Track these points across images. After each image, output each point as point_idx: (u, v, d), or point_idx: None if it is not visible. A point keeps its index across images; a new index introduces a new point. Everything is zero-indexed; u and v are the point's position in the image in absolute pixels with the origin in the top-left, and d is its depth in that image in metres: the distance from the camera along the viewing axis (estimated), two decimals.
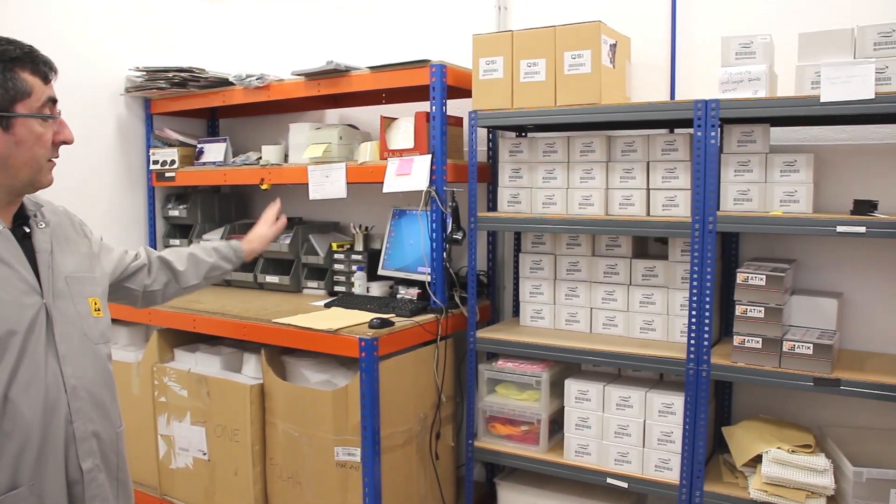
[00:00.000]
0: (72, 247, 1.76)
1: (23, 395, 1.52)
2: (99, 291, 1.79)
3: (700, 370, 2.72)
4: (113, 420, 1.73)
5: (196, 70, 3.89)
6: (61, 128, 1.61)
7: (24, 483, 1.52)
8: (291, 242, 3.85)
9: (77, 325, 1.66)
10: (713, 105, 2.64)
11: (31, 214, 1.69)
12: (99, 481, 1.65)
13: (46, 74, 1.59)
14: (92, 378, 1.66)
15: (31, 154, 1.57)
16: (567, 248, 3.20)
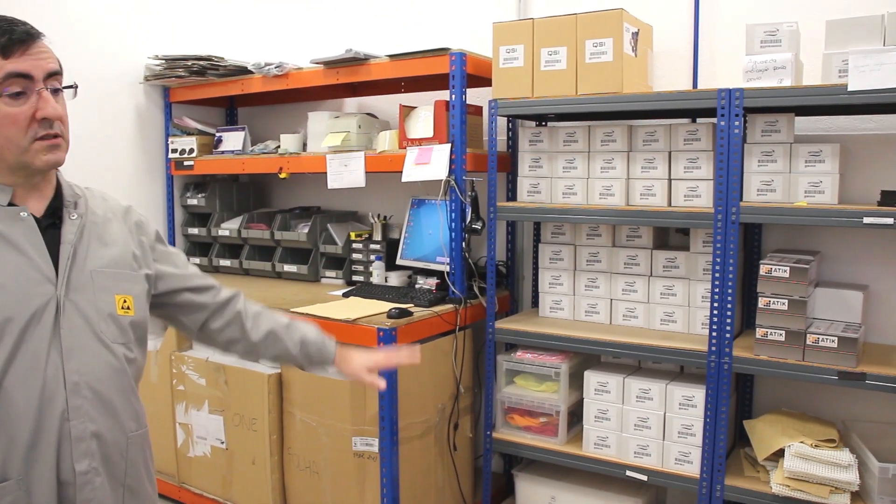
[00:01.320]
0: (111, 241, 1.67)
1: (19, 385, 1.47)
2: (136, 290, 1.69)
3: (722, 363, 2.69)
4: (123, 423, 1.62)
5: (215, 58, 3.89)
6: (42, 103, 1.49)
7: (12, 476, 1.47)
8: (310, 232, 3.84)
9: (91, 320, 1.57)
10: (737, 94, 2.60)
11: (68, 204, 1.63)
12: (95, 485, 1.55)
13: (4, 46, 1.46)
14: (100, 377, 1.57)
15: (3, 136, 1.49)
16: (587, 238, 3.17)
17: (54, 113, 1.50)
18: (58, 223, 1.59)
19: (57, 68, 1.54)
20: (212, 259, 4.18)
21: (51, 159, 1.52)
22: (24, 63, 1.47)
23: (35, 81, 1.49)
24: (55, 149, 1.52)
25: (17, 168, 1.52)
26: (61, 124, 1.53)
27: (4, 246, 1.50)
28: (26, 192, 1.56)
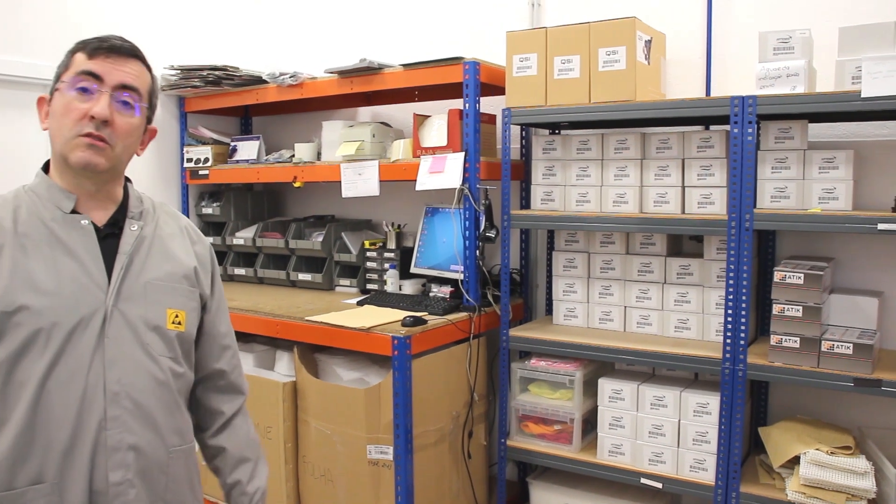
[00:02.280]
0: (169, 256, 1.71)
1: (60, 389, 1.50)
2: (190, 307, 1.71)
3: (736, 370, 2.69)
4: (164, 437, 1.63)
5: (230, 68, 3.92)
6: (95, 103, 1.54)
7: (47, 480, 1.50)
8: (324, 240, 3.86)
9: (138, 331, 1.60)
10: (750, 101, 2.60)
11: (131, 216, 1.67)
12: (128, 497, 1.56)
13: (93, 49, 1.57)
14: (142, 388, 1.59)
15: (58, 123, 1.56)
16: (601, 246, 3.18)
17: (101, 113, 1.54)
18: (117, 233, 1.63)
19: (133, 83, 1.60)
20: (226, 268, 4.20)
21: (84, 157, 1.55)
22: (100, 66, 1.56)
23: (103, 84, 1.56)
24: (93, 149, 1.55)
25: (62, 162, 1.57)
26: (113, 134, 1.57)
27: (62, 252, 1.55)
28: (88, 201, 1.61)
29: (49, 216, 1.57)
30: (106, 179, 1.63)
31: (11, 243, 1.52)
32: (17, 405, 1.49)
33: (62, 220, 1.57)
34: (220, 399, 1.87)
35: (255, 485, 1.87)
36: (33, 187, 1.62)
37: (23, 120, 3.51)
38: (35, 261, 1.53)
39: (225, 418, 1.87)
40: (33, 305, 1.49)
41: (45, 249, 1.54)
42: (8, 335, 1.48)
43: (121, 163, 1.64)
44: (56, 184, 1.60)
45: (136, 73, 1.61)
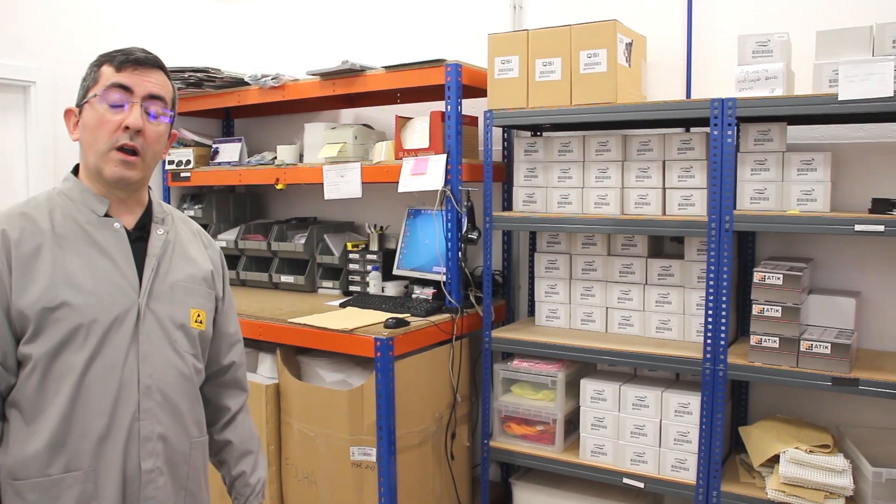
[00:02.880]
0: (190, 259, 1.80)
1: (98, 382, 1.58)
2: (209, 307, 1.82)
3: (717, 370, 2.71)
4: (188, 429, 1.73)
5: (211, 70, 3.91)
6: (128, 114, 1.61)
7: (82, 467, 1.57)
8: (306, 242, 3.86)
9: (167, 329, 1.69)
10: (730, 104, 2.63)
11: (156, 220, 1.75)
12: (158, 484, 1.65)
13: (120, 62, 1.63)
14: (170, 383, 1.68)
15: (92, 136, 1.63)
16: (583, 247, 3.19)
17: (135, 123, 1.61)
18: (145, 237, 1.72)
19: (160, 94, 1.67)
20: None
21: (118, 173, 1.63)
22: (129, 78, 1.63)
23: (133, 96, 1.62)
24: (125, 165, 1.63)
25: (95, 173, 1.64)
26: (144, 143, 1.64)
27: (97, 253, 1.63)
28: (119, 206, 1.70)
29: (84, 219, 1.65)
30: (136, 188, 1.71)
31: (50, 243, 1.60)
32: (56, 397, 1.56)
33: (97, 222, 1.66)
34: (226, 395, 1.95)
35: (258, 475, 1.97)
36: (65, 191, 1.69)
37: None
38: (73, 260, 1.60)
39: (231, 414, 1.95)
40: (74, 302, 1.57)
41: (81, 250, 1.62)
42: (49, 330, 1.56)
43: (150, 170, 1.72)
44: (89, 188, 1.68)
45: (161, 83, 1.69)
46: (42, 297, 1.55)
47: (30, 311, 1.54)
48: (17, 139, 3.59)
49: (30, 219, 1.62)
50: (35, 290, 1.56)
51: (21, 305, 1.55)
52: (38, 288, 1.56)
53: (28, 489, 1.55)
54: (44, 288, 1.56)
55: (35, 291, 1.55)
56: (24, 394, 1.57)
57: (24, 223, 1.61)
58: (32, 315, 1.55)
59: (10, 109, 3.56)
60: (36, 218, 1.62)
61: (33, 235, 1.60)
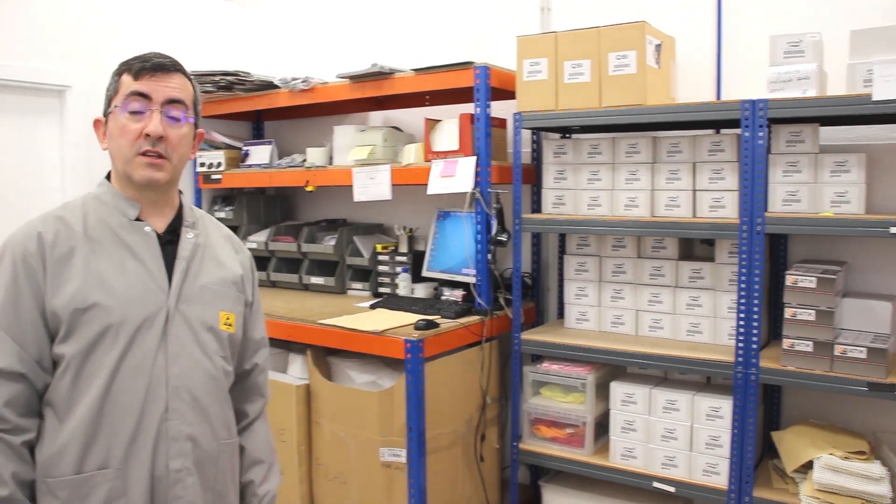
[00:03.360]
0: (220, 263, 1.82)
1: (127, 382, 1.61)
2: (238, 310, 1.83)
3: (749, 373, 2.69)
4: (216, 430, 1.75)
5: (242, 73, 3.94)
6: (148, 121, 1.64)
7: (112, 465, 1.60)
8: (336, 244, 3.88)
9: (196, 331, 1.71)
10: (761, 105, 2.60)
11: (186, 224, 1.78)
12: (186, 484, 1.67)
13: (137, 70, 1.65)
14: (199, 384, 1.70)
15: (117, 145, 1.67)
16: (612, 249, 3.18)
17: (155, 130, 1.64)
18: (175, 240, 1.75)
19: (179, 97, 1.69)
20: None
21: (146, 175, 1.66)
22: (146, 85, 1.65)
23: (153, 102, 1.65)
24: (154, 167, 1.66)
25: (126, 179, 1.68)
26: (168, 147, 1.67)
27: (128, 255, 1.67)
28: (150, 209, 1.73)
29: (116, 222, 1.69)
30: (165, 189, 1.74)
31: (83, 246, 1.64)
32: (86, 395, 1.59)
33: (128, 226, 1.69)
34: (246, 400, 1.95)
35: (266, 488, 1.95)
36: (98, 195, 1.73)
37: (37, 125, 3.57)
38: (105, 262, 1.64)
39: (248, 420, 1.95)
40: (104, 303, 1.60)
41: (113, 252, 1.66)
42: (81, 330, 1.59)
43: (178, 172, 1.75)
44: (120, 193, 1.71)
45: (181, 86, 1.70)
46: (74, 298, 1.59)
47: (62, 311, 1.58)
48: (52, 143, 3.64)
49: (64, 222, 1.66)
50: (68, 291, 1.59)
51: (54, 306, 1.59)
52: (71, 289, 1.60)
53: (59, 486, 1.59)
54: (76, 289, 1.60)
55: (68, 292, 1.59)
56: (57, 393, 1.61)
57: (58, 226, 1.65)
58: (65, 316, 1.58)
59: (46, 114, 3.62)
60: (70, 221, 1.67)
61: (67, 238, 1.64)
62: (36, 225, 1.65)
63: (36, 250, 1.61)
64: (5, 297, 1.60)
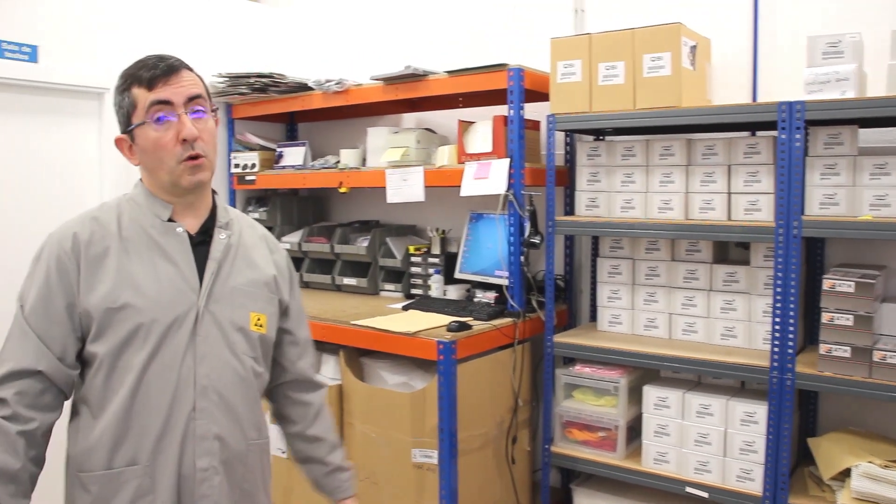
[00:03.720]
0: (251, 263, 1.84)
1: (156, 381, 1.64)
2: (270, 311, 1.85)
3: (784, 379, 2.65)
4: (245, 430, 1.77)
5: (276, 75, 3.98)
6: (181, 126, 1.65)
7: (141, 462, 1.64)
8: (369, 245, 3.89)
9: (225, 331, 1.73)
10: (798, 107, 2.57)
11: (219, 225, 1.80)
12: (213, 483, 1.69)
13: (149, 80, 1.65)
14: (227, 384, 1.72)
15: (156, 158, 1.68)
16: (646, 252, 3.16)
17: (191, 133, 1.65)
18: (208, 241, 1.77)
19: (197, 92, 1.70)
20: None
21: (193, 180, 1.69)
22: (165, 92, 1.66)
23: (176, 107, 1.66)
24: (198, 170, 1.69)
25: (171, 187, 1.70)
26: (203, 144, 1.69)
27: (160, 256, 1.70)
28: (183, 210, 1.76)
29: (149, 223, 1.72)
30: (202, 189, 1.77)
31: (117, 247, 1.67)
32: (117, 393, 1.63)
33: (160, 227, 1.73)
34: (308, 394, 2.00)
35: (348, 466, 2.05)
36: (133, 196, 1.76)
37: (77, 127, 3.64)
38: (137, 263, 1.67)
39: (316, 408, 2.01)
40: (135, 303, 1.63)
41: (145, 253, 1.69)
42: (113, 329, 1.63)
43: (215, 166, 1.77)
44: (154, 194, 1.74)
45: (193, 81, 1.72)
46: (106, 297, 1.62)
47: (95, 310, 1.62)
48: (92, 145, 3.70)
49: (99, 222, 1.70)
50: (100, 290, 1.63)
51: (87, 305, 1.62)
52: (104, 289, 1.63)
53: (91, 481, 1.63)
54: (108, 289, 1.63)
55: (100, 292, 1.63)
56: (91, 390, 1.65)
57: (94, 226, 1.69)
58: (97, 315, 1.62)
59: (86, 116, 3.68)
60: (105, 222, 1.70)
61: (102, 238, 1.67)
62: (72, 225, 1.69)
63: (71, 250, 1.65)
64: (38, 294, 1.64)
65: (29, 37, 3.40)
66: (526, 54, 3.44)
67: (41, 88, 3.50)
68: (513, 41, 3.80)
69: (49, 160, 3.55)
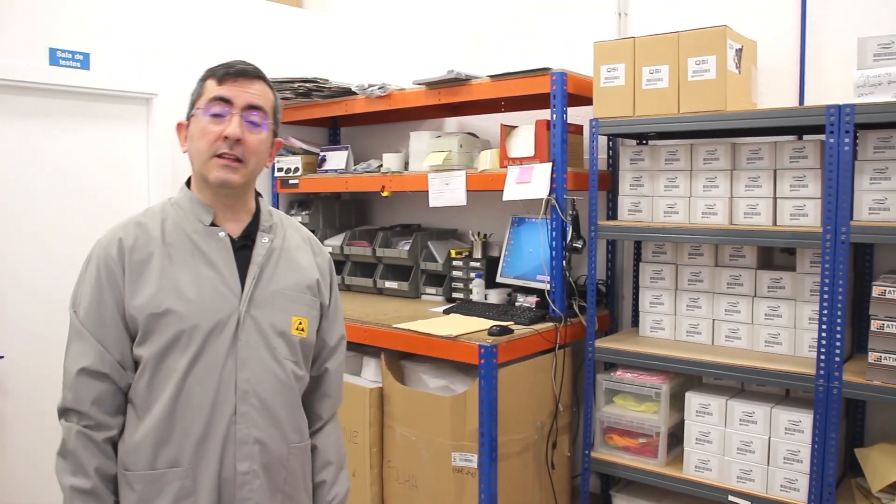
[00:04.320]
0: (295, 267, 1.84)
1: (198, 385, 1.66)
2: (312, 315, 1.85)
3: (831, 387, 2.61)
4: (286, 434, 1.77)
5: (320, 80, 4.01)
6: (228, 124, 1.68)
7: (183, 465, 1.66)
8: (411, 249, 3.91)
9: (266, 336, 1.74)
10: (848, 110, 2.53)
11: (262, 229, 1.81)
12: (253, 486, 1.70)
13: (221, 76, 1.70)
14: (268, 389, 1.72)
15: (196, 146, 1.71)
16: (689, 257, 3.13)
17: (233, 133, 1.67)
18: (250, 245, 1.78)
19: (259, 103, 1.73)
20: None
21: (219, 176, 1.69)
22: (229, 90, 1.69)
23: (233, 107, 1.69)
24: (227, 169, 1.69)
25: (202, 181, 1.73)
26: (245, 151, 1.70)
27: (201, 261, 1.71)
28: (225, 214, 1.77)
29: (191, 228, 1.73)
30: (240, 194, 1.77)
31: (160, 252, 1.70)
32: (160, 396, 1.65)
33: (203, 231, 1.74)
34: (320, 403, 1.96)
35: (336, 491, 1.96)
36: (177, 201, 1.78)
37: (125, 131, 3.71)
38: (180, 268, 1.69)
39: (322, 422, 1.96)
40: (177, 309, 1.65)
41: (188, 258, 1.70)
42: (156, 334, 1.65)
43: (253, 177, 1.77)
44: (197, 198, 1.76)
45: (261, 93, 1.74)
46: (150, 303, 1.65)
47: (139, 315, 1.65)
48: (139, 150, 3.78)
49: (144, 227, 1.72)
50: (144, 295, 1.65)
51: (132, 310, 1.65)
52: (147, 294, 1.65)
53: (136, 480, 1.65)
54: (152, 294, 1.65)
55: (144, 297, 1.65)
56: (137, 391, 1.67)
57: (138, 232, 1.71)
58: (141, 319, 1.65)
59: (134, 121, 3.76)
60: (149, 227, 1.72)
61: (146, 244, 1.70)
62: (118, 231, 1.72)
63: (116, 255, 1.67)
64: (90, 299, 1.67)
65: (82, 45, 3.49)
66: (569, 58, 3.44)
67: (93, 95, 3.59)
68: (554, 45, 3.79)
69: (99, 164, 3.63)
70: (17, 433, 3.39)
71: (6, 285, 3.35)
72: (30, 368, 3.37)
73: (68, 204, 3.52)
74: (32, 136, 3.42)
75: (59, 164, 3.50)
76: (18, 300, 3.38)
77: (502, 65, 3.45)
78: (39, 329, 3.39)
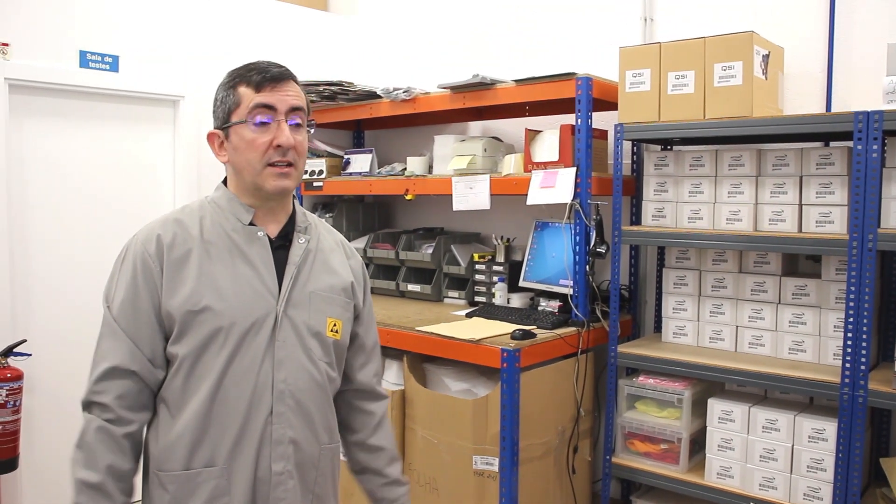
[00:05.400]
0: (331, 269, 1.85)
1: (235, 385, 1.66)
2: (346, 317, 1.85)
3: (856, 396, 2.59)
4: (318, 434, 1.78)
5: (345, 83, 4.03)
6: (278, 132, 1.67)
7: (218, 464, 1.66)
8: (433, 252, 3.93)
9: (302, 336, 1.74)
10: (876, 117, 2.52)
11: (299, 230, 1.82)
12: (287, 486, 1.71)
13: (258, 82, 1.68)
14: (303, 389, 1.73)
15: (245, 158, 1.70)
16: (713, 263, 3.12)
17: (288, 141, 1.68)
18: (287, 245, 1.79)
19: (299, 105, 1.73)
20: None
21: (278, 185, 1.70)
22: (271, 97, 1.68)
23: (278, 113, 1.69)
24: (284, 177, 1.70)
25: (253, 189, 1.73)
26: (295, 154, 1.71)
27: (240, 259, 1.72)
28: (265, 215, 1.77)
29: (230, 227, 1.73)
30: (287, 194, 1.78)
31: (199, 249, 1.70)
32: (196, 395, 1.65)
33: (242, 230, 1.74)
34: (372, 403, 1.98)
35: (405, 482, 2.01)
36: (216, 199, 1.78)
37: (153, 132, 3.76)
38: (218, 266, 1.69)
39: (378, 417, 1.99)
40: (215, 307, 1.65)
41: (226, 256, 1.71)
42: (193, 331, 1.65)
43: (301, 177, 1.79)
44: (236, 197, 1.76)
45: (297, 94, 1.74)
46: (188, 300, 1.64)
47: (176, 312, 1.64)
48: (166, 151, 3.83)
49: (182, 225, 1.72)
50: (182, 293, 1.65)
51: (169, 307, 1.65)
52: (185, 291, 1.65)
53: (170, 480, 1.65)
54: (189, 292, 1.65)
55: (182, 294, 1.65)
56: (171, 390, 1.67)
57: (176, 229, 1.71)
58: (178, 317, 1.64)
59: (161, 122, 3.81)
60: (188, 224, 1.72)
61: (184, 241, 1.69)
62: (155, 227, 1.71)
63: (154, 252, 1.67)
64: (125, 296, 1.66)
65: (111, 47, 3.54)
66: (594, 63, 3.44)
67: (121, 97, 3.64)
68: (580, 49, 3.80)
69: (127, 165, 3.69)
70: (45, 430, 3.44)
71: (35, 285, 3.40)
72: (57, 367, 3.43)
73: (96, 205, 3.58)
74: (62, 138, 3.48)
75: (88, 165, 3.55)
76: (46, 300, 3.44)
77: (528, 69, 3.45)
78: (67, 328, 3.44)
